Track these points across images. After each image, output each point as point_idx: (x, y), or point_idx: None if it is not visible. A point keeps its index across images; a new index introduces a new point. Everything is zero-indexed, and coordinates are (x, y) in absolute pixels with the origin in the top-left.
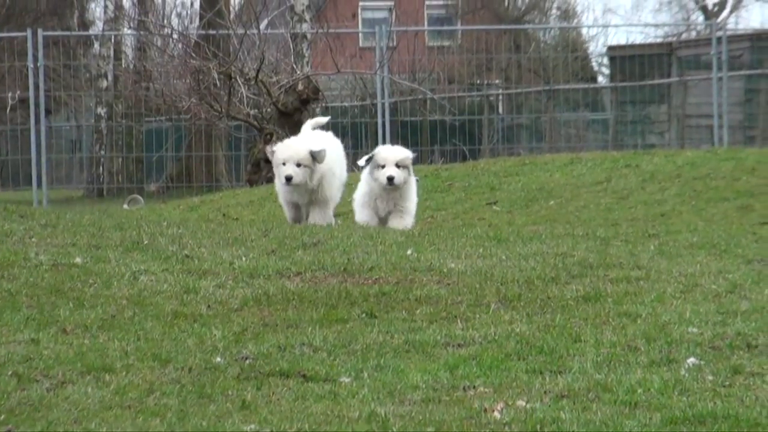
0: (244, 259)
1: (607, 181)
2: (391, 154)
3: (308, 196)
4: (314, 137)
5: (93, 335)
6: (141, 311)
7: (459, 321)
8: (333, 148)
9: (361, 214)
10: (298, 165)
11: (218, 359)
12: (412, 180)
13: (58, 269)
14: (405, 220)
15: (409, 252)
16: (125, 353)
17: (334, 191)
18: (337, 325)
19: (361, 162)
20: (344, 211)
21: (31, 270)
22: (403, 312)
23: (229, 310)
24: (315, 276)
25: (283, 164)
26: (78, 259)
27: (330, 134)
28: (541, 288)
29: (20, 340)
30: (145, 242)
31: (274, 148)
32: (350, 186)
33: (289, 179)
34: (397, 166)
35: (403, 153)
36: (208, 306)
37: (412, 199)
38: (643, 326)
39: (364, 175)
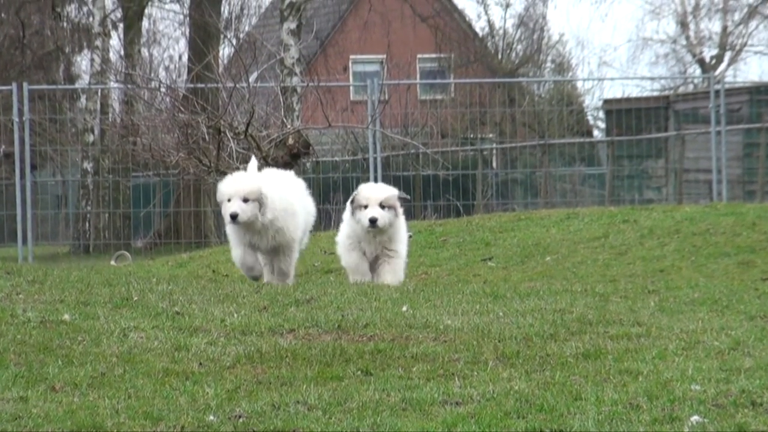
0: (235, 315)
1: (605, 237)
2: (374, 192)
3: (267, 238)
4: (266, 174)
5: (83, 393)
6: (131, 369)
7: (456, 378)
8: (293, 185)
9: (348, 257)
10: (245, 200)
11: (211, 417)
12: (400, 221)
13: (47, 326)
14: (394, 266)
15: (404, 308)
16: (116, 412)
17: (298, 233)
18: (333, 383)
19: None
20: (337, 267)
21: (18, 327)
22: (400, 369)
23: (221, 368)
24: (309, 333)
25: (228, 200)
26: (66, 316)
27: (290, 173)
28: (539, 345)
29: (8, 398)
30: (135, 299)
31: (220, 183)
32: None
33: (234, 217)
34: (382, 206)
35: (388, 191)
36: (200, 363)
37: (401, 241)
38: (645, 383)
39: (346, 215)
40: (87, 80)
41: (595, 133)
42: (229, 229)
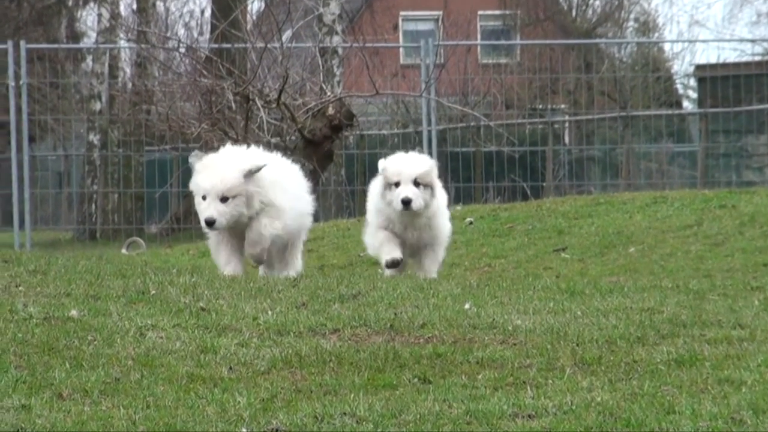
0: (270, 313)
1: (698, 225)
2: (407, 167)
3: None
4: (247, 152)
5: (94, 401)
6: (150, 374)
7: (528, 388)
8: (283, 168)
9: (375, 238)
10: (224, 199)
11: (243, 431)
12: (439, 201)
13: (51, 324)
14: (434, 258)
15: (466, 306)
16: (133, 423)
17: (288, 221)
18: (385, 392)
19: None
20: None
21: (19, 324)
22: (463, 377)
23: (254, 373)
24: (356, 334)
25: (203, 198)
26: (74, 312)
27: (277, 155)
28: (625, 350)
29: (9, 407)
30: (153, 293)
31: (197, 164)
32: None
33: (210, 223)
34: (416, 183)
35: (424, 164)
36: (230, 368)
37: (441, 228)
38: (749, 395)
39: (373, 197)
40: (93, 39)
41: (685, 104)
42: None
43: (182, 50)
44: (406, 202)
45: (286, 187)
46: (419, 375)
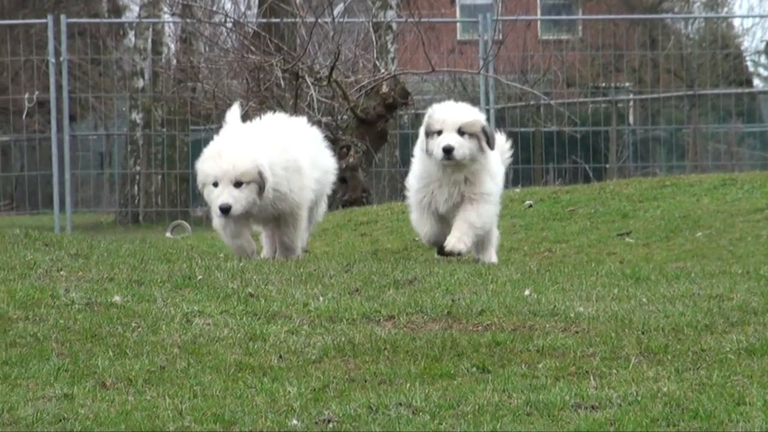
0: (321, 299)
1: None
2: (452, 114)
3: (265, 207)
4: (261, 130)
5: (138, 391)
6: (197, 362)
7: (592, 377)
8: (300, 135)
9: (419, 218)
10: (238, 184)
11: (294, 422)
12: (490, 159)
13: (94, 310)
14: (478, 210)
15: (527, 292)
16: (179, 413)
17: (305, 196)
18: (442, 382)
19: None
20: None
21: (61, 310)
22: (523, 366)
23: (305, 362)
24: (412, 321)
25: (214, 185)
26: (117, 298)
27: (298, 120)
28: (692, 338)
29: (51, 396)
30: (199, 278)
31: (200, 160)
32: None
33: (225, 210)
34: (461, 132)
35: (471, 114)
36: (280, 356)
37: (488, 182)
38: None
39: (417, 151)
40: (136, 13)
41: (756, 82)
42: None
43: (229, 25)
44: (448, 150)
45: (301, 169)
46: (477, 364)
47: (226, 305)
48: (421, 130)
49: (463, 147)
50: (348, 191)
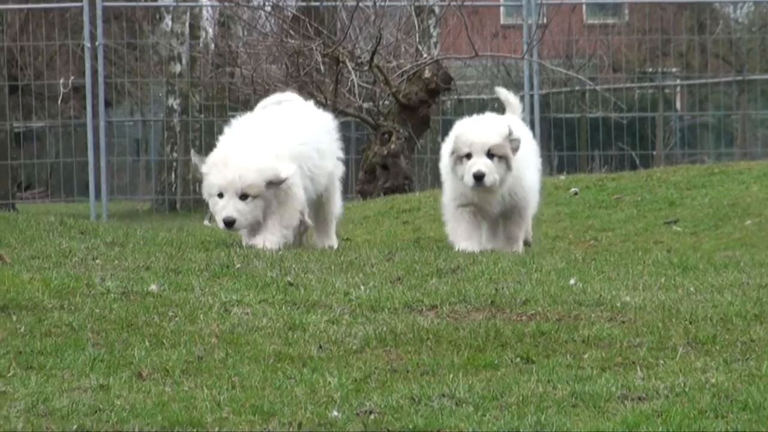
0: (362, 288)
1: None
2: (479, 135)
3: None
4: (269, 132)
5: (176, 381)
6: (235, 352)
7: (638, 368)
8: (310, 124)
9: (456, 225)
10: (244, 197)
11: (335, 413)
12: (527, 171)
13: (130, 299)
14: (518, 225)
15: (572, 282)
16: (217, 404)
17: (294, 206)
18: (485, 372)
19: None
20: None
21: (96, 299)
22: (568, 356)
23: (346, 352)
24: (455, 310)
25: (219, 196)
26: (154, 287)
27: (307, 105)
28: (741, 328)
29: (86, 387)
30: (237, 266)
31: (202, 166)
32: None
33: (229, 224)
34: (490, 155)
35: (498, 132)
36: (320, 346)
37: (527, 194)
38: None
39: (444, 169)
40: None
41: None
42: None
43: (268, 9)
44: (479, 177)
45: (295, 194)
46: (522, 354)
47: (264, 294)
48: (445, 150)
49: (493, 172)
50: (390, 178)
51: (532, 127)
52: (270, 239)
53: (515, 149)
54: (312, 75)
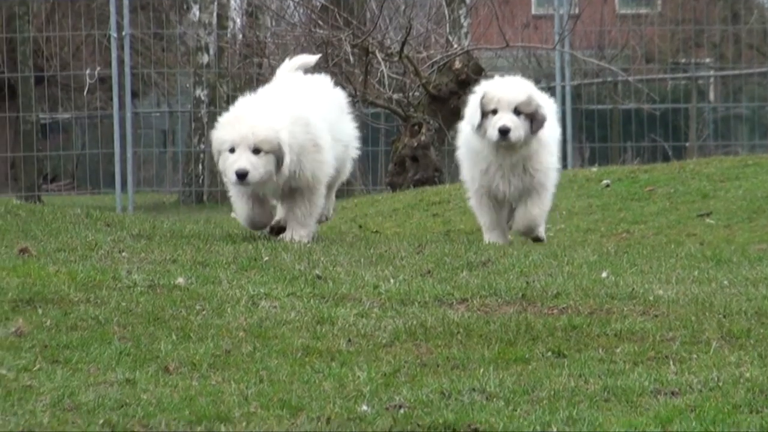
0: (392, 281)
1: None
2: (507, 91)
3: (280, 183)
4: (283, 98)
5: (203, 375)
6: (263, 346)
7: (671, 362)
8: (321, 99)
9: (479, 209)
10: (257, 151)
11: (364, 407)
12: (545, 135)
13: (157, 292)
14: (536, 203)
15: (604, 275)
16: (245, 399)
17: (325, 171)
18: (516, 366)
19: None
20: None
21: (122, 292)
22: (600, 350)
23: (375, 346)
24: (485, 304)
25: (231, 151)
26: (181, 280)
27: (318, 77)
28: None
29: (112, 381)
30: (265, 259)
31: (216, 127)
32: None
33: (241, 176)
34: (517, 112)
35: (527, 90)
36: (349, 340)
37: (547, 172)
38: None
39: (464, 132)
40: None
41: None
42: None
43: None
44: (504, 131)
45: (321, 147)
46: (553, 348)
47: (293, 287)
48: (470, 108)
49: (519, 129)
50: (420, 170)
51: (564, 119)
52: (300, 233)
53: (540, 121)
54: (341, 66)
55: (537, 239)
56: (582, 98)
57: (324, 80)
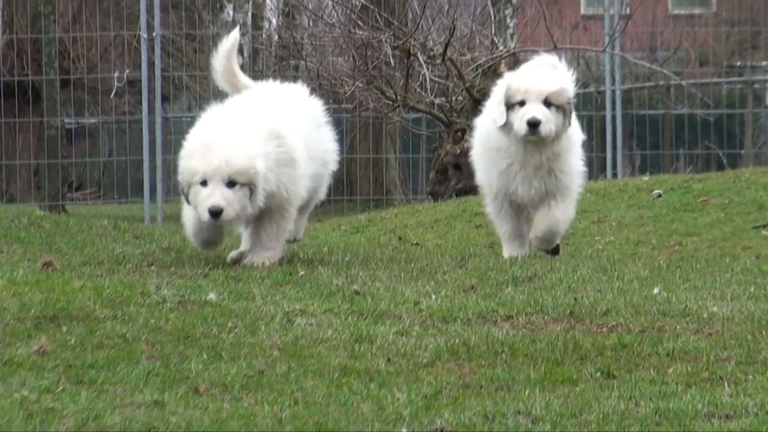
0: (434, 297)
1: None
2: (536, 83)
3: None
4: (255, 114)
5: (235, 397)
6: (298, 365)
7: (726, 384)
8: (294, 112)
9: (498, 217)
10: (231, 184)
11: (404, 430)
12: (573, 135)
13: (187, 308)
14: (560, 207)
15: (656, 291)
16: (278, 421)
17: (298, 191)
18: (564, 388)
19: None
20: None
21: (151, 309)
22: (651, 371)
23: (416, 366)
24: (531, 321)
25: (203, 184)
26: (212, 296)
27: (292, 86)
28: None
29: (140, 403)
30: (301, 273)
31: (183, 154)
32: None
33: (215, 214)
34: (547, 103)
35: (558, 82)
36: (388, 360)
37: (573, 173)
38: None
39: (480, 130)
40: None
41: None
42: (186, 209)
43: None
44: (533, 124)
45: (295, 163)
46: (602, 369)
47: (330, 304)
48: (491, 101)
49: (549, 122)
50: (462, 179)
51: (614, 125)
52: (263, 254)
53: (570, 113)
54: (381, 68)
55: (555, 251)
56: (633, 103)
57: (298, 90)
